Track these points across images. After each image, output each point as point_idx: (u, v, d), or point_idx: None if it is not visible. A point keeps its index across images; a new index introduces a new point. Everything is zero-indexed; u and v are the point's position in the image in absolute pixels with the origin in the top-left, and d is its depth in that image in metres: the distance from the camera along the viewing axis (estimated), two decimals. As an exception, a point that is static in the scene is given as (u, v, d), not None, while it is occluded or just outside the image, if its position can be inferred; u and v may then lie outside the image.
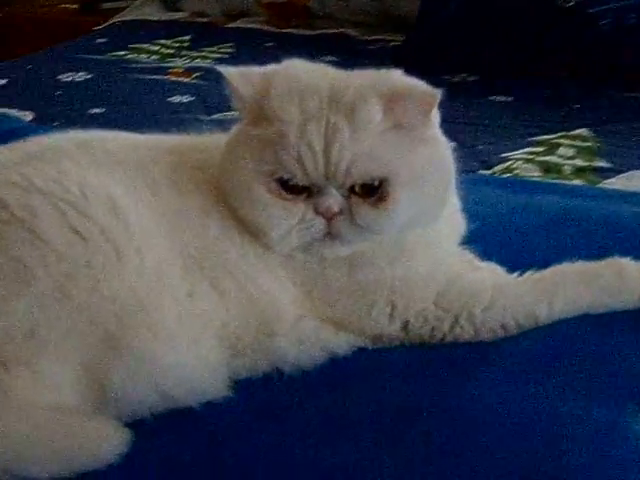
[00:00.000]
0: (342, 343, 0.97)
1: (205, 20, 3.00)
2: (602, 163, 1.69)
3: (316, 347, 0.96)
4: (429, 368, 0.93)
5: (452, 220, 1.03)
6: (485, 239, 1.03)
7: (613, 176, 1.60)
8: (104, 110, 2.14)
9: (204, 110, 2.19)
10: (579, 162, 1.69)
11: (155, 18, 3.09)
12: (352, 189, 0.94)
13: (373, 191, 0.94)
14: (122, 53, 2.68)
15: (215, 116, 2.08)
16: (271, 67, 0.97)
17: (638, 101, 2.07)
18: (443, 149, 0.97)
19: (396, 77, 0.96)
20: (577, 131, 1.85)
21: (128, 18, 3.13)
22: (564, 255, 1.02)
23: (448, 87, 1.12)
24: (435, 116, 0.97)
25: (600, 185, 1.53)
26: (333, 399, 0.90)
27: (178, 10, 3.12)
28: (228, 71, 0.95)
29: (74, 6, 3.43)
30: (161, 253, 0.91)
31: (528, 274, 1.01)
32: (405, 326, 0.98)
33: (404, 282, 0.97)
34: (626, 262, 1.02)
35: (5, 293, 0.86)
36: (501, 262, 1.03)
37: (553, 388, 0.87)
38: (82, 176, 0.92)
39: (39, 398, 0.86)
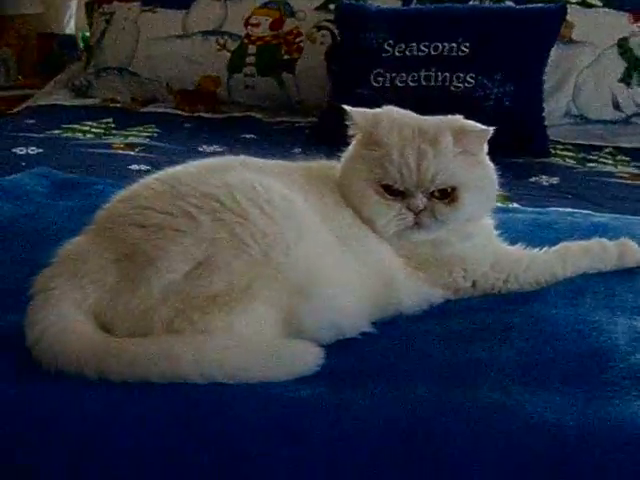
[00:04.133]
0: (436, 295, 1.41)
1: (119, 105, 3.30)
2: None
3: (420, 298, 1.40)
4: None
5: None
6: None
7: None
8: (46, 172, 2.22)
9: None
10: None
11: (69, 103, 3.34)
12: (432, 193, 1.39)
13: (446, 195, 1.39)
14: (58, 132, 2.92)
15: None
16: (377, 110, 1.42)
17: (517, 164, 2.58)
18: (491, 169, 1.44)
19: (461, 119, 1.43)
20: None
21: (42, 103, 3.38)
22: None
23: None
24: (485, 147, 1.44)
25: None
26: (444, 324, 1.34)
27: (89, 97, 3.39)
28: (350, 109, 1.39)
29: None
30: (322, 233, 1.33)
31: (546, 249, 1.49)
32: (474, 284, 1.44)
33: (470, 255, 1.43)
34: (606, 241, 1.53)
35: (228, 258, 1.25)
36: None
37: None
38: (259, 180, 1.33)
39: (252, 332, 1.25)
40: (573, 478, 1.07)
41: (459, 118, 1.41)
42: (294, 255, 1.25)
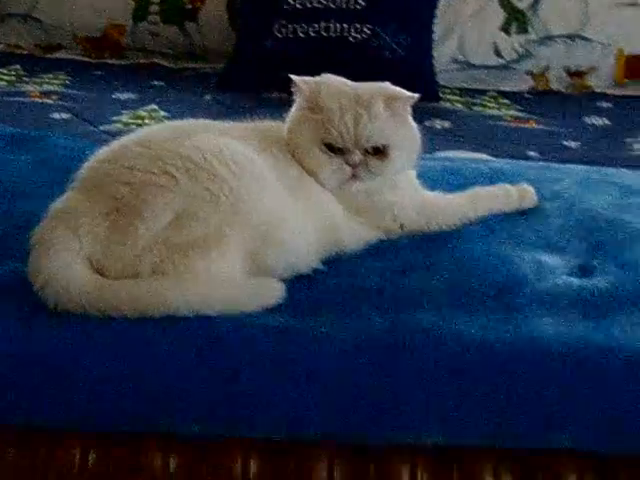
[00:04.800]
0: (372, 236, 1.66)
1: (24, 52, 3.38)
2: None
3: (358, 239, 1.65)
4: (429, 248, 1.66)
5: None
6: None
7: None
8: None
9: (85, 124, 2.66)
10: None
11: None
12: (367, 150, 1.62)
13: (379, 151, 1.62)
14: None
15: (102, 127, 2.62)
16: (318, 78, 1.65)
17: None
18: (415, 129, 1.66)
19: (390, 86, 1.67)
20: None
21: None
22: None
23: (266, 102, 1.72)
24: (409, 109, 1.68)
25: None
26: (380, 261, 1.60)
27: None
28: (295, 77, 1.62)
29: None
30: (277, 186, 1.56)
31: (459, 194, 1.76)
32: (402, 226, 1.69)
33: (398, 201, 1.68)
34: (509, 186, 1.80)
35: (203, 209, 1.48)
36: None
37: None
38: (224, 141, 1.55)
39: (226, 271, 1.49)
40: (495, 381, 1.36)
41: (388, 85, 1.65)
42: (257, 206, 1.48)
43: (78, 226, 1.41)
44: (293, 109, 1.64)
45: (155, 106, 2.79)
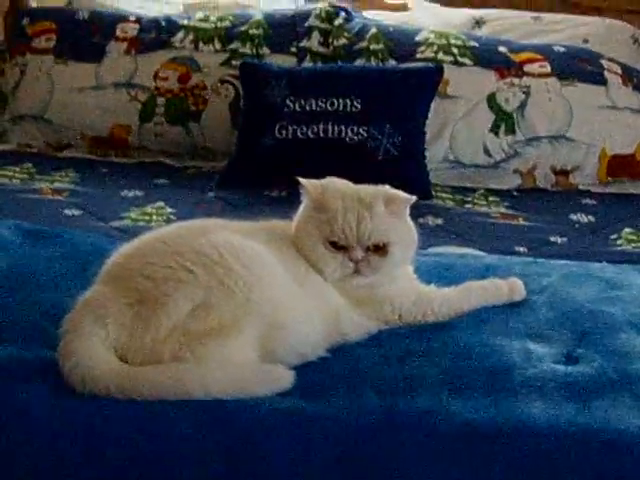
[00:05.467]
0: (372, 326, 1.79)
1: (35, 151, 3.49)
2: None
3: (360, 328, 1.78)
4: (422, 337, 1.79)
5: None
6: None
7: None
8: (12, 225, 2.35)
9: (96, 220, 2.78)
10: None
11: None
12: (368, 247, 1.76)
13: (379, 248, 1.76)
14: None
15: (112, 223, 2.74)
16: (323, 180, 1.80)
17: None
18: (412, 228, 1.81)
19: (389, 189, 1.81)
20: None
21: (-40, 150, 3.49)
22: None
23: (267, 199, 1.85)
24: (407, 210, 1.81)
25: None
26: (380, 349, 1.73)
27: (4, 142, 3.57)
28: (303, 180, 1.77)
29: None
30: (285, 279, 1.70)
31: (453, 287, 1.90)
32: (400, 317, 1.83)
33: (397, 294, 1.82)
34: (499, 280, 1.95)
35: (219, 301, 1.61)
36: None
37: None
38: (237, 238, 1.69)
39: (240, 358, 1.61)
40: (488, 460, 1.47)
41: (388, 188, 1.80)
42: (267, 297, 1.62)
43: (104, 316, 1.54)
44: (300, 209, 1.78)
45: (162, 203, 2.91)
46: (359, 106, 3.11)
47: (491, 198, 3.13)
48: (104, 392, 1.49)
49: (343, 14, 3.58)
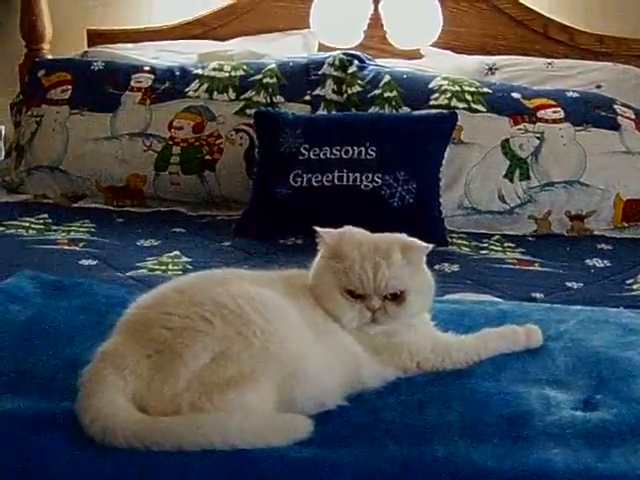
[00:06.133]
0: (390, 374, 1.80)
1: (50, 201, 3.51)
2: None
3: (378, 376, 1.78)
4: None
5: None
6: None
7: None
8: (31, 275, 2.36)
9: (112, 270, 2.78)
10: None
11: (3, 200, 3.53)
12: (385, 296, 1.77)
13: (396, 297, 1.77)
14: (1, 229, 3.12)
15: (129, 273, 2.74)
16: (340, 230, 1.81)
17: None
18: (429, 276, 1.82)
19: (405, 237, 1.82)
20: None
21: (-24, 201, 3.48)
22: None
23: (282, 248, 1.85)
24: (424, 258, 1.82)
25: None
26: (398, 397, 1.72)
27: (20, 193, 3.60)
28: (320, 230, 1.78)
29: None
30: (303, 328, 1.71)
31: (470, 335, 1.90)
32: (418, 364, 1.83)
33: (414, 342, 1.82)
34: (516, 327, 1.95)
35: (237, 351, 1.62)
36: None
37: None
38: (254, 289, 1.71)
39: (258, 407, 1.62)
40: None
41: (404, 236, 1.81)
42: (285, 346, 1.62)
43: (123, 366, 1.54)
44: (317, 258, 1.79)
45: (178, 252, 2.91)
46: (374, 154, 3.12)
47: (507, 244, 3.13)
48: (124, 443, 1.48)
49: (356, 62, 3.61)
